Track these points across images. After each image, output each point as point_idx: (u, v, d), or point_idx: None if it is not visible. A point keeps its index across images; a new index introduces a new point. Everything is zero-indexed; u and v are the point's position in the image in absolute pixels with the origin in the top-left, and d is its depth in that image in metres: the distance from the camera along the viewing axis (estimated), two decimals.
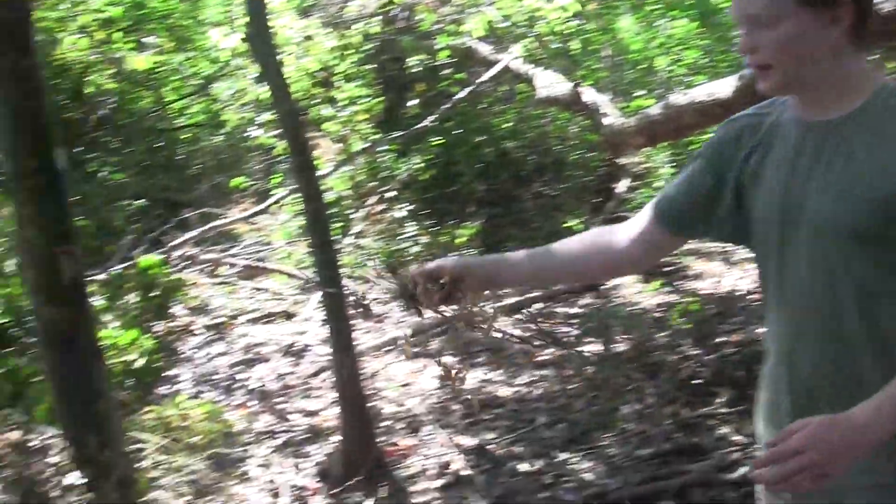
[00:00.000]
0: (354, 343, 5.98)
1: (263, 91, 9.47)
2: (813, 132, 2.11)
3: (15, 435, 4.35)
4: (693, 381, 6.01)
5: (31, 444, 4.35)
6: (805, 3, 2.00)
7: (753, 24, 2.06)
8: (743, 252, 9.18)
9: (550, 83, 9.74)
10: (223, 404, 6.83)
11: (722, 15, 11.97)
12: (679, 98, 8.26)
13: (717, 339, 6.54)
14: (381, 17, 11.16)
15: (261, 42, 5.59)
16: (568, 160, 11.81)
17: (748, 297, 7.56)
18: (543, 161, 11.77)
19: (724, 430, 5.56)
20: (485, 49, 11.07)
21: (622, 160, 11.65)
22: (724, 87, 7.83)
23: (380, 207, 10.35)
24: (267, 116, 10.59)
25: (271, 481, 5.58)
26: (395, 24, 11.51)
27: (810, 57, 2.05)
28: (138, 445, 5.17)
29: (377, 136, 10.74)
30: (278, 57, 5.94)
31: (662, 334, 6.89)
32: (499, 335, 7.62)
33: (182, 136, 14.74)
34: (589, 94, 9.37)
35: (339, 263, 5.93)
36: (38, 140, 3.86)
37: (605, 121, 9.06)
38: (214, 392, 7.27)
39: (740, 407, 5.58)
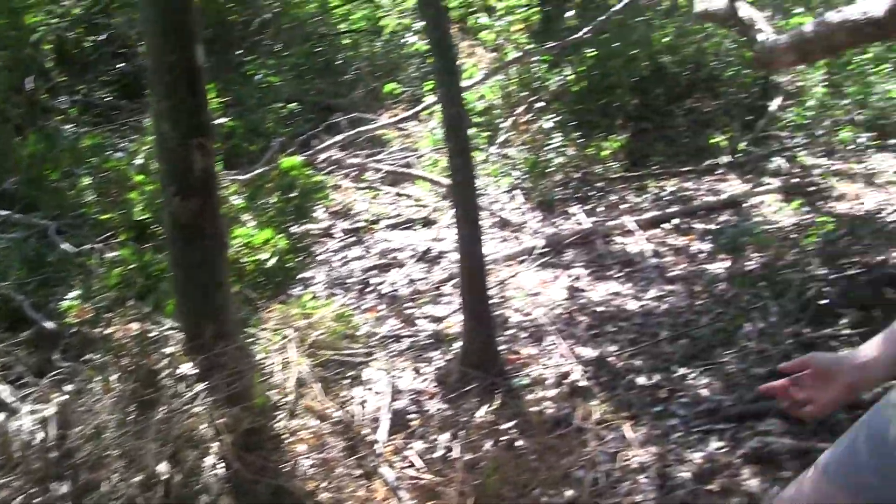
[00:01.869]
0: (486, 251, 6.07)
1: None
2: None
3: (136, 325, 4.46)
4: (819, 302, 5.98)
5: (150, 334, 4.46)
6: None
7: None
8: (888, 174, 9.04)
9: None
10: (353, 307, 7.07)
11: None
12: (832, 16, 8.12)
13: (848, 261, 6.49)
14: None
15: None
16: (722, 77, 11.67)
17: (883, 220, 7.44)
18: (697, 77, 11.67)
19: (846, 350, 5.57)
20: None
21: (776, 78, 11.47)
22: (878, 6, 7.67)
23: (528, 117, 10.41)
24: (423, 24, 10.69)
25: (391, 384, 5.73)
26: None
27: None
28: (254, 339, 5.37)
29: (531, 47, 10.77)
30: None
31: (793, 252, 6.85)
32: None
33: (342, 42, 15.02)
34: (745, 10, 9.25)
35: (474, 170, 6.00)
36: (180, 36, 4.02)
37: (759, 37, 8.96)
38: (347, 295, 7.51)
39: (864, 329, 5.51)
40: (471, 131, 8.71)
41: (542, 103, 10.52)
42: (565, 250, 8.02)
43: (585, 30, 10.44)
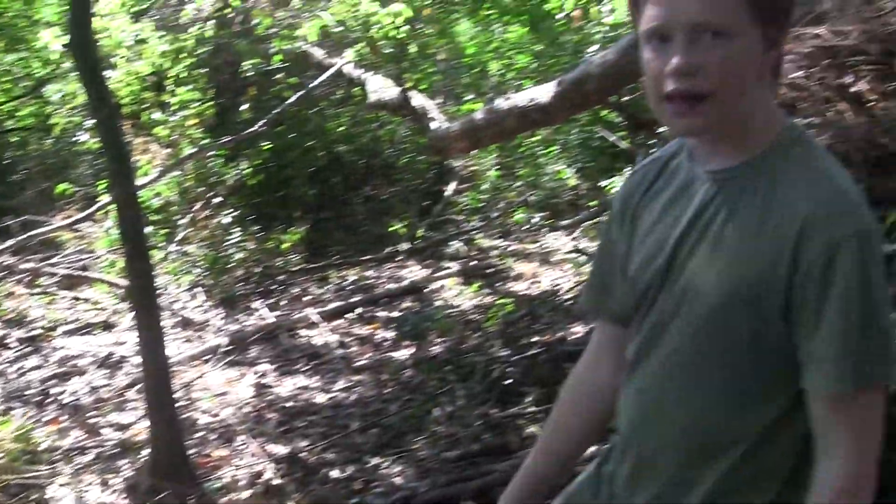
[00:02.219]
0: (169, 352, 5.91)
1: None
2: (708, 183, 1.80)
3: None
4: (504, 382, 6.11)
5: None
6: (759, 17, 1.66)
7: (696, 37, 1.65)
8: (561, 252, 9.41)
9: (381, 88, 9.83)
10: (33, 421, 6.65)
11: (552, 21, 12.21)
12: (502, 103, 8.43)
13: (528, 340, 6.67)
14: (216, 21, 11.06)
15: (80, 43, 5.47)
16: (398, 164, 11.91)
17: (559, 298, 7.72)
18: (373, 165, 11.86)
19: (532, 429, 5.68)
20: (319, 53, 11.07)
21: (451, 163, 11.80)
22: (544, 94, 8.02)
23: (206, 213, 10.23)
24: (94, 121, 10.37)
25: (78, 501, 5.44)
26: (230, 27, 11.43)
27: (747, 86, 1.71)
28: None
29: (207, 141, 10.63)
30: (103, 60, 5.81)
31: (476, 335, 6.99)
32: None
33: (9, 140, 14.38)
34: (417, 99, 9.48)
35: (152, 269, 5.82)
36: None
37: (432, 125, 9.18)
38: (25, 409, 7.02)
39: (548, 405, 5.67)
40: (148, 230, 8.44)
41: (220, 198, 10.36)
42: (250, 347, 7.87)
43: (261, 122, 10.40)
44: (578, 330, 6.91)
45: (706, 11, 1.62)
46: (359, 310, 8.50)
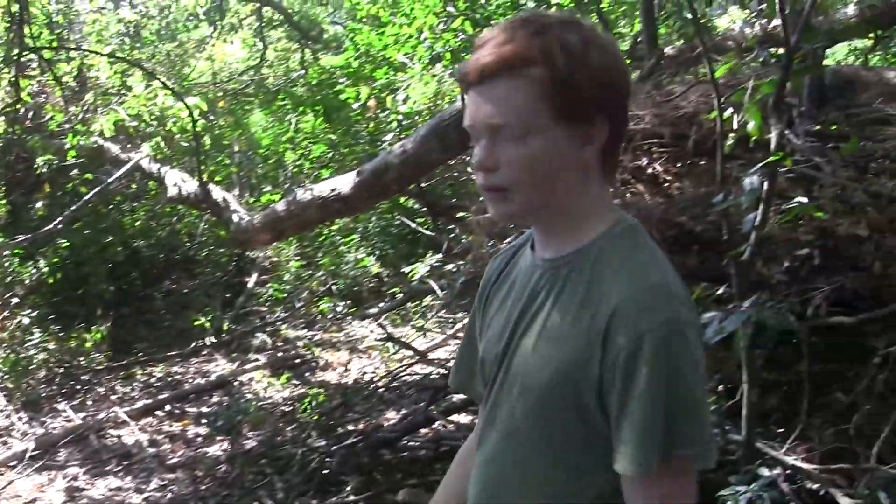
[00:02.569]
0: None
1: None
2: (541, 270, 1.88)
3: None
4: (323, 472, 6.10)
5: None
6: (561, 116, 1.73)
7: (495, 137, 1.77)
8: (368, 339, 9.48)
9: (180, 181, 9.78)
10: None
11: (347, 111, 12.38)
12: (303, 194, 8.49)
13: (344, 429, 6.69)
14: (6, 117, 10.78)
15: None
16: (198, 257, 11.80)
17: (371, 385, 7.76)
18: (173, 259, 11.72)
19: None
20: (115, 148, 10.91)
21: (252, 254, 11.77)
22: (345, 183, 8.13)
23: (4, 314, 9.89)
24: None
25: None
26: (21, 123, 11.16)
27: (559, 180, 1.79)
28: None
29: (1, 241, 10.32)
30: None
31: (292, 427, 6.96)
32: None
33: None
34: (217, 192, 9.46)
35: None
36: None
37: (234, 217, 9.17)
38: None
39: (368, 493, 5.72)
40: None
41: (18, 298, 10.04)
42: (59, 450, 7.58)
43: (57, 220, 10.16)
44: (393, 416, 6.98)
45: (501, 115, 1.73)
46: (168, 406, 8.33)
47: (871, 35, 8.84)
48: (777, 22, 9.77)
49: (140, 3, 12.59)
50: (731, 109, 4.33)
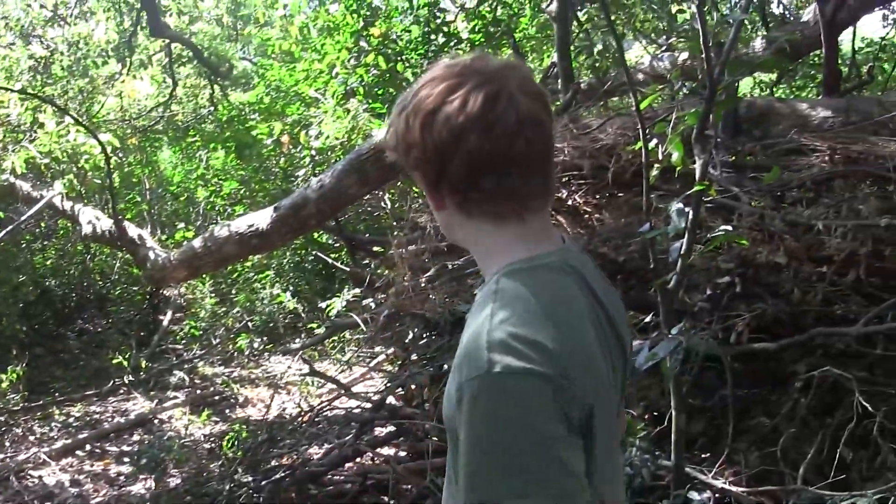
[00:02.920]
0: None
1: None
2: None
3: None
4: None
5: None
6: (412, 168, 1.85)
7: None
8: (287, 375, 9.44)
9: (94, 219, 9.66)
10: None
11: (259, 147, 12.35)
12: (220, 230, 8.45)
13: (271, 464, 6.64)
14: None
15: None
16: (111, 296, 11.65)
17: (293, 420, 7.71)
18: (85, 297, 11.56)
19: None
20: (26, 186, 10.72)
21: (166, 292, 11.66)
22: (263, 218, 8.12)
23: None
24: None
25: None
26: None
27: (446, 223, 1.91)
28: None
29: None
30: None
31: (217, 463, 6.90)
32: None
33: None
34: (133, 229, 9.37)
35: None
36: None
37: (150, 255, 9.09)
38: None
39: None
40: None
41: None
42: None
43: None
44: (318, 451, 6.95)
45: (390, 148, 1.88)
46: (88, 446, 8.19)
47: (777, 69, 9.13)
48: (685, 56, 10.05)
49: (50, 39, 12.41)
50: (655, 140, 4.42)
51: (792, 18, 10.84)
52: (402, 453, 6.31)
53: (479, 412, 1.58)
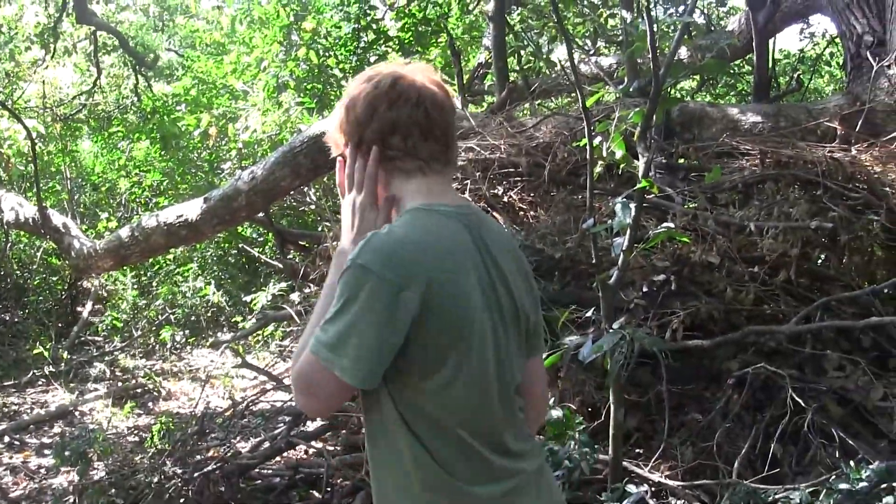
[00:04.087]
0: None
1: None
2: None
3: None
4: (180, 501, 5.97)
5: None
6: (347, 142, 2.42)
7: None
8: (210, 368, 9.37)
9: (17, 205, 9.50)
10: None
11: (185, 139, 12.24)
12: (148, 220, 8.38)
13: (200, 457, 6.57)
14: None
15: None
16: (30, 285, 11.44)
17: (220, 414, 7.64)
18: (3, 287, 11.34)
19: None
20: None
21: (85, 283, 11.50)
22: (192, 209, 8.06)
23: None
24: None
25: None
26: None
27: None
28: None
29: None
30: None
31: (144, 456, 6.80)
32: None
33: None
34: (57, 218, 9.24)
35: None
36: None
37: (74, 244, 8.97)
38: None
39: None
40: None
41: None
42: None
43: None
44: (246, 445, 6.91)
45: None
46: (6, 438, 8.02)
47: (718, 72, 9.27)
48: (611, 60, 10.18)
49: None
50: (599, 138, 4.47)
51: (714, 28, 11.04)
52: (334, 447, 6.29)
53: (341, 283, 2.14)
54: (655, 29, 4.15)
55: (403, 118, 2.32)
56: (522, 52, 10.65)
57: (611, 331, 3.90)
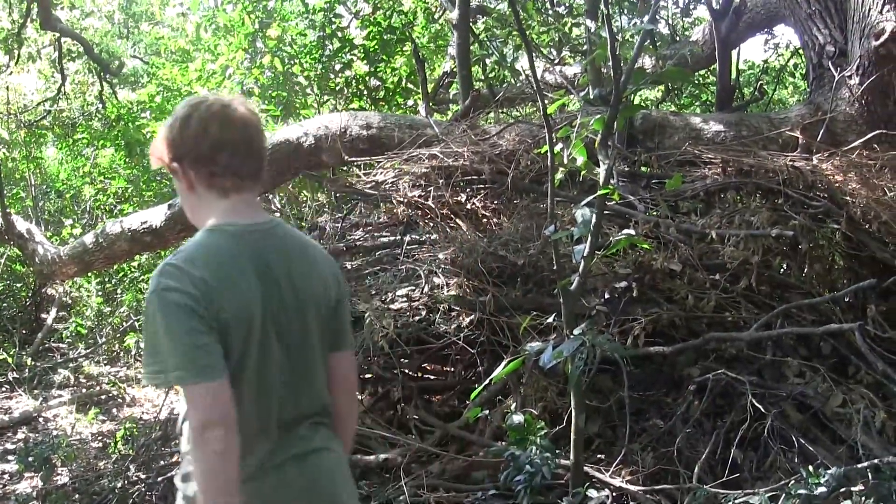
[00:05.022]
0: None
1: None
2: None
3: None
4: None
5: None
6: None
7: None
8: None
9: None
10: None
11: (150, 145, 12.18)
12: (112, 226, 8.37)
13: (165, 462, 6.55)
14: None
15: None
16: None
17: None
18: None
19: None
20: None
21: (49, 289, 11.45)
22: (157, 217, 8.05)
23: None
24: None
25: None
26: None
27: (187, 198, 2.68)
28: None
29: None
30: None
31: (109, 461, 6.79)
32: None
33: None
34: (21, 224, 9.20)
35: None
36: None
37: (39, 249, 8.94)
38: None
39: None
40: None
41: None
42: None
43: None
44: None
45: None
46: None
47: (680, 80, 9.35)
48: (576, 69, 10.24)
49: None
50: (560, 145, 4.51)
51: (679, 38, 11.12)
52: None
53: (148, 314, 2.45)
54: (619, 38, 4.19)
55: (229, 137, 2.59)
56: (487, 61, 10.70)
57: (572, 336, 3.92)
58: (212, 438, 2.39)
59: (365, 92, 10.95)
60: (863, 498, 3.80)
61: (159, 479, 5.86)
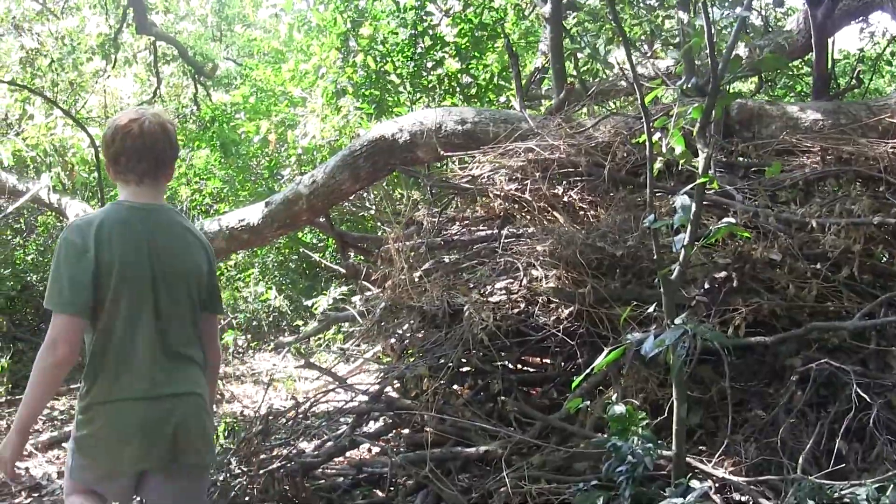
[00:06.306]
0: None
1: None
2: None
3: None
4: (245, 499, 6.04)
5: None
6: None
7: None
8: (273, 372, 9.43)
9: (82, 212, 9.61)
10: None
11: (244, 146, 12.36)
12: (211, 225, 8.48)
13: (264, 456, 6.63)
14: None
15: None
16: None
17: (286, 415, 7.70)
18: None
19: None
20: (12, 179, 10.66)
21: None
22: (254, 214, 8.15)
23: None
24: None
25: None
26: None
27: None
28: None
29: None
30: None
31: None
32: None
33: None
34: None
35: None
36: None
37: None
38: None
39: None
40: None
41: None
42: None
43: None
44: (309, 445, 6.97)
45: None
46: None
47: (777, 68, 9.23)
48: (668, 63, 10.16)
49: (40, 31, 12.36)
50: (658, 135, 4.49)
51: (772, 29, 10.96)
52: (396, 446, 6.32)
53: (53, 257, 3.42)
54: (712, 27, 4.15)
55: (127, 147, 3.52)
56: (579, 55, 10.67)
57: (673, 326, 3.91)
58: (54, 353, 3.30)
59: (457, 89, 10.99)
60: None
61: (260, 472, 5.93)
